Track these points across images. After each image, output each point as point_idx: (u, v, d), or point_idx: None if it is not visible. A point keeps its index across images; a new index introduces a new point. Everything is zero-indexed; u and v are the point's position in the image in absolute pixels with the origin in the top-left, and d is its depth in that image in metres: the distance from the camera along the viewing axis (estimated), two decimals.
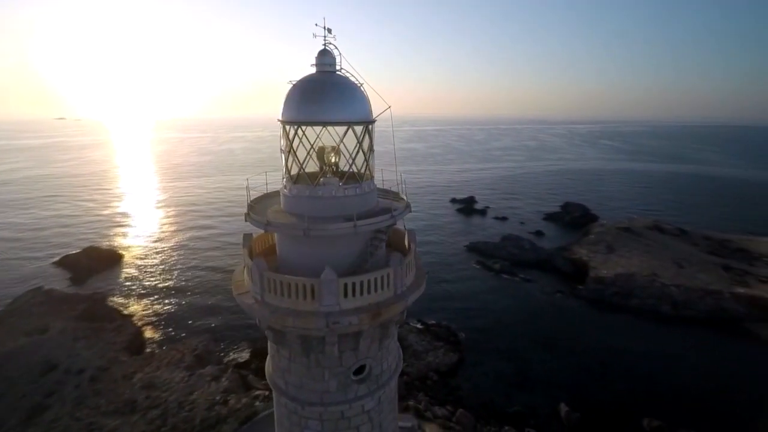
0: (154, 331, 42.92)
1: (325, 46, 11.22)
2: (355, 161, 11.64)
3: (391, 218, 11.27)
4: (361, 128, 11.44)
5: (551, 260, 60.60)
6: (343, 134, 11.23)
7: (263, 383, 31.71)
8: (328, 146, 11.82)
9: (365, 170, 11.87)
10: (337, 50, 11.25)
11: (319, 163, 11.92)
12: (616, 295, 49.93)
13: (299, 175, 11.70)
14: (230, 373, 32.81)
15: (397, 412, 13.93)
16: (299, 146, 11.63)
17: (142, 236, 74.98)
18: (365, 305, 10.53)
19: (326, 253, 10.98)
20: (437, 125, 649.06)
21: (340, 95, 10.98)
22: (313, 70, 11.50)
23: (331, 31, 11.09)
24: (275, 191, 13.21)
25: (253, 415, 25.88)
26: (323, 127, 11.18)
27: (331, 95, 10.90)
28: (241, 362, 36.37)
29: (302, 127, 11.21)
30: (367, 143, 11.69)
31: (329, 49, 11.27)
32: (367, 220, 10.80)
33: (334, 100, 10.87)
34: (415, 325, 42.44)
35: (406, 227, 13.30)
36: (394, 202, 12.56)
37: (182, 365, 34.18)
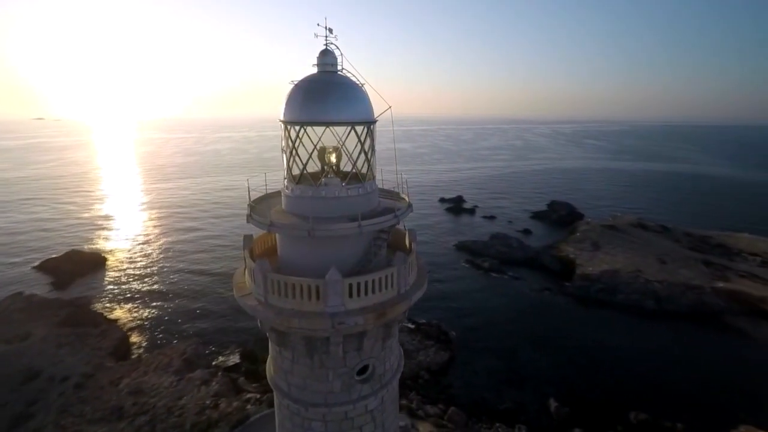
0: (140, 335, 42.02)
1: (326, 45, 11.17)
2: (356, 161, 11.62)
3: (394, 218, 11.31)
4: (363, 128, 11.43)
5: (539, 258, 61.57)
6: (345, 134, 11.20)
7: (254, 386, 31.35)
8: (329, 146, 11.77)
9: (367, 170, 11.86)
10: (338, 50, 11.23)
11: (320, 163, 11.86)
12: (601, 291, 50.98)
13: (302, 175, 11.61)
14: (220, 376, 32.34)
15: (398, 411, 13.97)
16: (299, 146, 11.54)
17: (126, 239, 73.28)
18: (370, 305, 10.55)
19: (329, 253, 10.93)
20: (424, 125, 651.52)
21: (343, 95, 10.94)
22: (311, 70, 11.40)
23: (332, 31, 11.06)
24: (274, 192, 13.09)
25: (244, 418, 25.51)
26: (326, 127, 11.14)
27: (334, 95, 10.85)
28: (231, 365, 35.85)
29: (305, 127, 11.13)
30: (368, 143, 11.69)
31: (330, 49, 11.23)
32: (371, 220, 10.81)
33: (337, 100, 10.82)
34: (405, 324, 42.62)
35: (406, 227, 13.34)
36: (395, 201, 12.59)
37: (170, 370, 33.51)
